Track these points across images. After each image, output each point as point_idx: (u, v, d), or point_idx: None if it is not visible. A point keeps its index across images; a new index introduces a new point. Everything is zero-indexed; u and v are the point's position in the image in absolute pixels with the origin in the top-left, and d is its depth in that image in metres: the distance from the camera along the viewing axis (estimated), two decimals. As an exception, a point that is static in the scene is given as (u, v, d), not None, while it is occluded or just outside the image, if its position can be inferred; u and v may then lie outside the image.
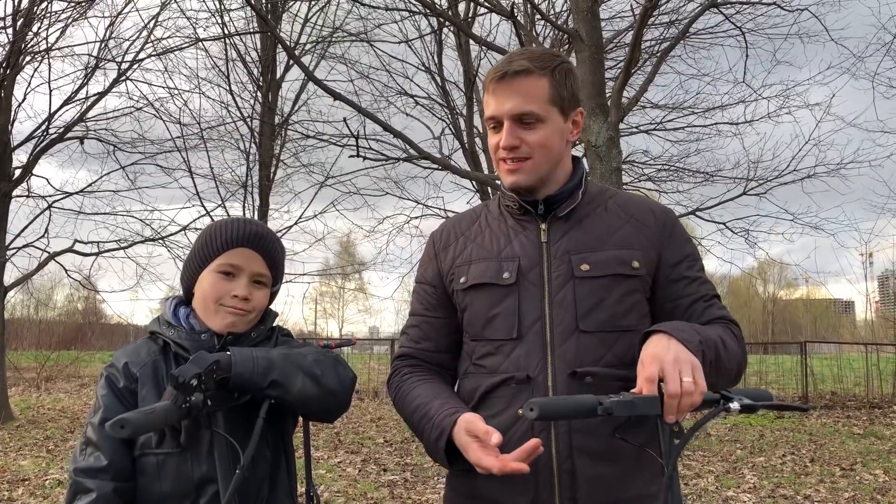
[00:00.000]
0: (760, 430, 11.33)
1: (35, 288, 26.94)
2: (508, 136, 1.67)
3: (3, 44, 11.85)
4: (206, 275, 1.73)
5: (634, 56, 7.40)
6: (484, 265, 1.74)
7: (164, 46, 12.52)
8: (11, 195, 12.25)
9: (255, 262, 1.73)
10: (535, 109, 1.66)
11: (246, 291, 1.71)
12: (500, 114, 1.68)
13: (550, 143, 1.69)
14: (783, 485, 7.35)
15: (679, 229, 1.77)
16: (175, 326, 1.72)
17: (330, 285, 38.61)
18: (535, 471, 1.58)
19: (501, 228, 1.79)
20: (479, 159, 12.83)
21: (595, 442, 1.59)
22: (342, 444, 9.93)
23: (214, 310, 1.71)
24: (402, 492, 7.01)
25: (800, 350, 15.66)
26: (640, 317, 1.69)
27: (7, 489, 6.89)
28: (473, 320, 1.75)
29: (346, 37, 12.77)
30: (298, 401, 1.60)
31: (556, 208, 1.74)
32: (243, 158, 13.59)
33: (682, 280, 1.72)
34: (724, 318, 1.71)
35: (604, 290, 1.66)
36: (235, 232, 1.74)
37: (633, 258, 1.68)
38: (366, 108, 9.02)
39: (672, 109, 12.99)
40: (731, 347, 1.61)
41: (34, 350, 23.28)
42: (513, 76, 1.66)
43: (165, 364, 1.70)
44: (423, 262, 1.92)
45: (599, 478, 1.59)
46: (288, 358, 1.60)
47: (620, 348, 1.64)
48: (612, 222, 1.73)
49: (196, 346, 1.66)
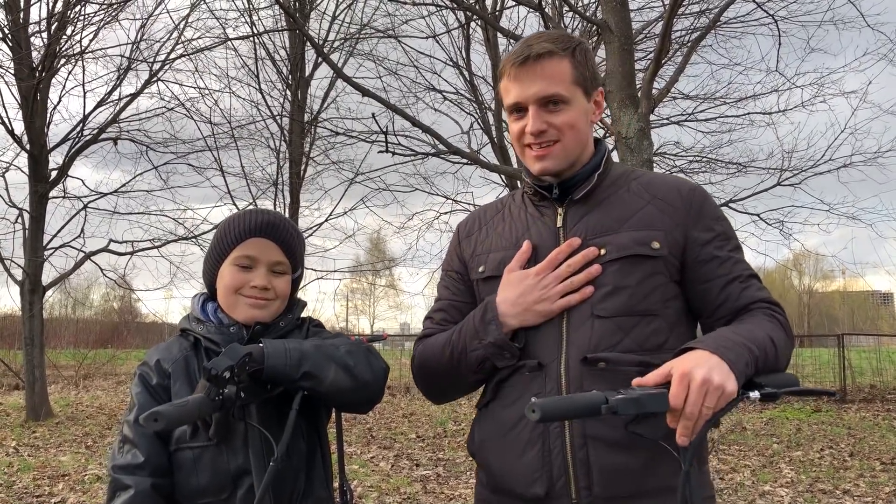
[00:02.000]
0: (797, 424, 11.16)
1: (72, 287, 27.56)
2: (536, 121, 1.63)
3: (38, 48, 12.08)
4: (224, 268, 1.74)
5: (664, 46, 7.30)
6: (501, 255, 1.73)
7: (195, 47, 12.67)
8: (48, 196, 12.50)
9: (271, 251, 1.73)
10: (561, 91, 1.63)
11: (264, 281, 1.71)
12: (525, 98, 1.64)
13: (578, 124, 1.66)
14: (821, 479, 7.23)
15: (709, 207, 1.68)
16: (204, 322, 1.73)
17: (361, 282, 38.81)
18: (549, 460, 1.57)
19: (521, 216, 1.77)
20: (507, 153, 12.78)
21: (611, 430, 1.53)
22: (375, 439, 9.98)
23: (235, 302, 1.71)
24: (434, 486, 7.02)
25: (837, 343, 15.41)
26: (662, 300, 1.62)
27: (48, 484, 7.03)
28: None
29: (374, 33, 12.81)
30: (331, 392, 1.59)
31: (572, 192, 1.70)
32: (274, 156, 13.72)
33: (714, 260, 1.64)
34: (764, 300, 1.62)
35: (620, 273, 1.60)
36: (248, 223, 1.74)
37: (654, 239, 1.61)
38: (394, 104, 9.01)
39: (703, 100, 12.83)
40: (780, 345, 1.52)
41: (72, 348, 23.72)
42: (536, 59, 1.62)
43: (197, 359, 1.71)
44: (449, 250, 1.92)
45: (616, 468, 1.54)
46: (320, 349, 1.60)
47: (640, 333, 1.59)
48: (632, 203, 1.67)
49: (226, 340, 1.67)
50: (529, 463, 1.59)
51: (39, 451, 8.83)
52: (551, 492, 1.57)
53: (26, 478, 7.28)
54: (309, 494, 1.67)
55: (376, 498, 6.55)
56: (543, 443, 1.58)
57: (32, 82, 11.63)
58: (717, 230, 1.66)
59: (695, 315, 1.70)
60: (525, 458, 1.60)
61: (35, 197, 12.26)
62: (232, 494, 1.61)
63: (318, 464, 1.72)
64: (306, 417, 1.68)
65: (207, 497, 1.62)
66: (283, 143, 13.59)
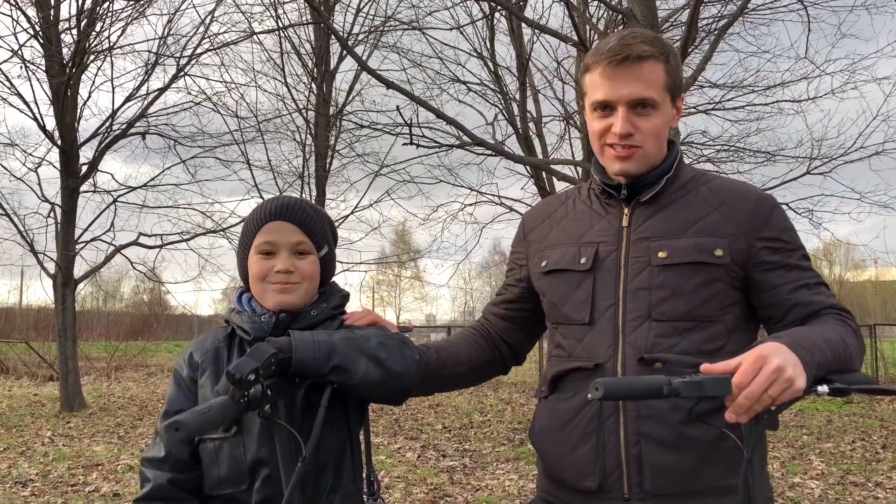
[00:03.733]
0: (828, 416, 11.03)
1: (103, 280, 27.97)
2: (625, 123, 1.62)
3: (68, 44, 12.25)
4: (251, 258, 1.74)
5: (691, 34, 7.21)
6: (563, 250, 1.75)
7: (221, 41, 12.77)
8: (79, 191, 12.69)
9: (289, 233, 1.72)
10: (654, 96, 1.62)
11: (287, 264, 1.70)
12: (617, 98, 1.62)
13: (661, 131, 1.66)
14: (853, 472, 7.14)
15: (777, 216, 1.67)
16: (240, 311, 1.74)
17: (386, 274, 38.96)
18: (602, 455, 1.59)
19: (586, 212, 1.78)
20: (532, 144, 12.72)
21: (663, 429, 1.55)
22: (402, 430, 10.03)
23: (263, 289, 1.71)
24: (461, 477, 7.04)
25: (869, 333, 15.19)
26: (721, 307, 1.61)
27: (82, 474, 7.17)
28: (552, 305, 1.77)
29: (398, 25, 12.78)
30: (362, 385, 1.57)
31: (640, 193, 1.70)
32: (299, 150, 13.79)
33: (781, 268, 1.62)
34: (834, 306, 1.60)
35: (681, 278, 1.60)
36: (265, 209, 1.76)
37: (717, 246, 1.61)
38: (418, 96, 9.00)
39: (731, 88, 12.62)
40: (853, 348, 1.51)
41: (104, 340, 24.10)
42: (635, 60, 1.60)
43: (228, 349, 1.73)
44: (515, 241, 1.97)
45: (667, 466, 1.55)
46: (350, 342, 1.58)
47: (697, 338, 1.59)
48: (699, 208, 1.67)
49: (255, 328, 1.68)
50: (583, 456, 1.61)
51: (74, 441, 9.01)
52: (604, 486, 1.59)
53: (61, 467, 7.43)
54: (337, 489, 1.66)
55: (403, 489, 6.59)
56: (598, 438, 1.60)
57: (63, 78, 11.80)
58: (784, 239, 1.65)
59: (762, 322, 1.69)
60: (579, 452, 1.62)
61: (66, 191, 12.46)
62: (250, 486, 1.61)
63: (346, 458, 1.70)
64: (336, 410, 1.66)
65: (227, 488, 1.63)
66: (308, 136, 13.67)
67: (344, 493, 1.67)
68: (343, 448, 1.69)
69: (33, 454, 8.14)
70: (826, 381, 1.40)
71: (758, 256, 1.63)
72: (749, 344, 1.54)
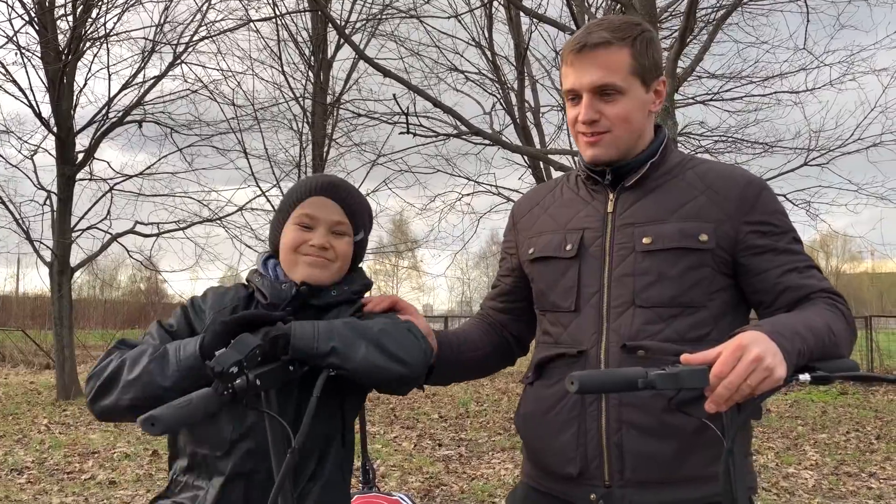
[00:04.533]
0: (823, 407, 11.07)
1: (100, 269, 27.98)
2: (588, 110, 1.63)
3: (64, 31, 12.19)
4: (287, 227, 1.74)
5: (689, 24, 7.19)
6: (550, 236, 1.75)
7: (218, 28, 12.71)
8: (75, 178, 12.66)
9: (332, 211, 1.73)
10: (616, 81, 1.61)
11: (323, 240, 1.70)
12: (580, 86, 1.64)
13: (631, 115, 1.64)
14: (847, 462, 7.18)
15: (765, 199, 1.64)
16: (263, 275, 1.74)
17: (384, 263, 38.78)
18: (583, 442, 1.59)
19: (573, 198, 1.78)
20: (530, 134, 12.71)
21: (645, 417, 1.55)
22: (398, 419, 10.05)
23: (294, 260, 1.71)
24: (456, 466, 7.06)
25: (865, 325, 15.24)
26: (707, 293, 1.60)
27: (78, 461, 7.18)
28: (539, 292, 1.78)
29: (396, 13, 12.73)
30: (361, 371, 1.52)
31: (624, 178, 1.70)
32: (296, 138, 13.75)
33: (769, 252, 1.60)
34: (825, 290, 1.58)
35: (665, 264, 1.59)
36: (311, 183, 1.76)
37: (702, 231, 1.60)
38: (416, 85, 8.98)
39: (729, 79, 12.63)
40: (840, 334, 1.48)
41: (100, 329, 24.12)
42: (592, 48, 1.62)
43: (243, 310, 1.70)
44: (506, 230, 1.97)
45: (648, 454, 1.55)
46: (351, 325, 1.55)
47: (682, 324, 1.58)
48: (684, 193, 1.66)
49: (274, 294, 1.68)
50: (566, 443, 1.62)
51: (70, 429, 9.02)
52: (585, 472, 1.60)
53: (58, 455, 7.44)
54: (318, 476, 1.62)
55: (399, 477, 6.61)
56: (580, 425, 1.61)
57: (59, 65, 11.76)
58: (772, 222, 1.63)
59: (753, 307, 1.68)
60: (562, 438, 1.63)
61: (62, 179, 12.43)
62: (226, 455, 1.59)
63: (334, 447, 1.66)
64: (331, 399, 1.62)
65: (204, 448, 1.61)
66: (305, 124, 13.62)
67: (325, 482, 1.63)
68: (332, 437, 1.66)
69: (29, 442, 8.15)
70: (809, 369, 1.39)
71: (745, 241, 1.61)
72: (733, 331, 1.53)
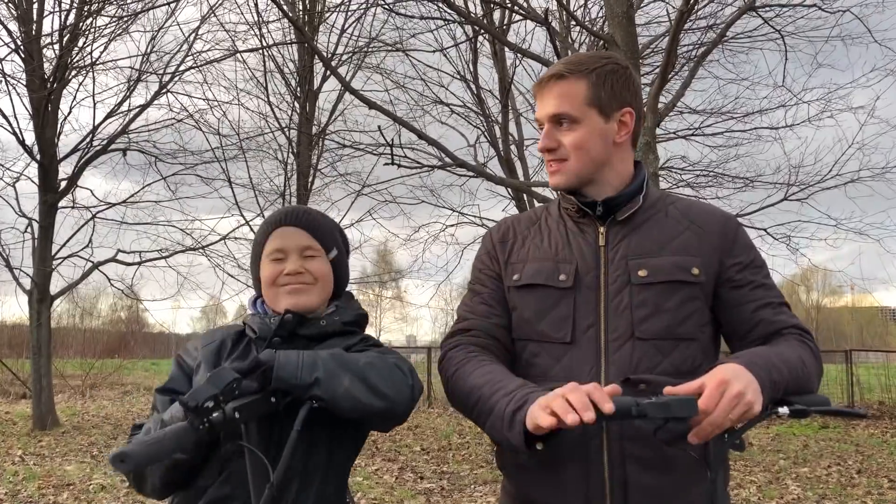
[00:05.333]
0: (804, 440, 11.09)
1: (80, 297, 27.72)
2: (545, 138, 1.71)
3: (50, 59, 12.19)
4: (262, 265, 1.78)
5: (670, 61, 7.33)
6: (539, 265, 1.73)
7: (204, 59, 12.74)
8: (58, 206, 12.56)
9: (298, 237, 1.76)
10: (569, 111, 1.68)
11: (296, 265, 1.73)
12: (541, 116, 1.73)
13: (587, 144, 1.68)
14: (828, 496, 7.18)
15: (742, 235, 1.73)
16: (254, 314, 1.79)
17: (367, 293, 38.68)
18: (585, 478, 1.57)
19: (560, 230, 1.77)
20: (514, 167, 12.80)
21: (647, 450, 1.55)
22: (379, 451, 9.95)
23: (275, 293, 1.74)
24: (438, 499, 6.99)
25: (845, 359, 15.31)
26: (699, 325, 1.65)
27: (53, 493, 7.04)
28: (523, 321, 1.73)
29: (382, 47, 12.86)
30: (344, 404, 1.50)
31: (615, 212, 1.72)
32: (281, 168, 13.76)
33: (747, 285, 1.68)
34: (796, 326, 1.66)
35: (661, 297, 1.62)
36: (273, 218, 1.81)
37: (693, 265, 1.65)
38: (401, 117, 9.05)
39: (710, 114, 12.83)
40: (811, 369, 1.57)
41: (79, 358, 23.77)
42: (548, 80, 1.71)
43: (233, 344, 1.76)
44: (481, 255, 1.88)
45: (651, 488, 1.55)
46: (336, 357, 1.54)
47: (677, 357, 1.61)
48: (672, 228, 1.70)
49: (262, 328, 1.72)
50: (568, 481, 1.59)
51: (45, 461, 8.84)
52: None
53: (31, 486, 7.29)
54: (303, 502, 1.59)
55: (380, 510, 6.53)
56: (581, 461, 1.58)
57: (44, 93, 11.73)
58: (751, 257, 1.71)
59: (725, 338, 1.73)
60: (562, 476, 1.60)
61: (44, 207, 12.33)
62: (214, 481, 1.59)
63: (316, 482, 1.61)
64: (317, 432, 1.59)
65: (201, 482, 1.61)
66: (290, 154, 13.65)
67: None
68: (314, 472, 1.62)
69: (3, 473, 7.98)
70: (786, 403, 1.45)
71: (727, 274, 1.68)
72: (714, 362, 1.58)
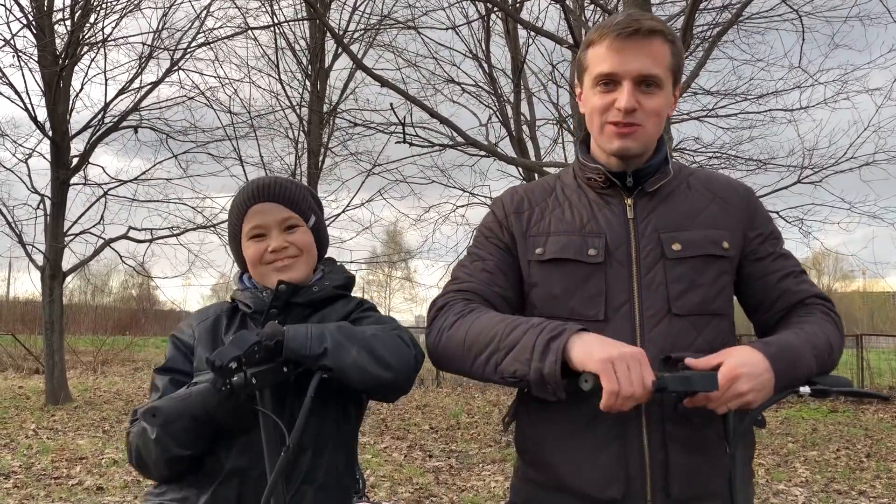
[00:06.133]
0: (813, 424, 11.07)
1: (92, 274, 27.89)
2: (630, 98, 1.54)
3: (61, 35, 12.18)
4: (244, 245, 1.76)
5: (686, 41, 7.24)
6: (566, 239, 1.62)
7: (216, 36, 12.71)
8: (70, 183, 12.61)
9: (274, 212, 1.74)
10: (661, 74, 1.56)
11: (279, 241, 1.72)
12: (624, 72, 1.55)
13: (664, 112, 1.60)
14: (837, 479, 7.17)
15: (761, 207, 1.72)
16: (243, 289, 1.78)
17: (377, 274, 38.80)
18: (625, 462, 1.51)
19: (582, 201, 1.67)
20: (525, 147, 12.73)
21: (687, 431, 1.50)
22: (388, 429, 10.01)
23: (263, 272, 1.74)
24: (447, 478, 7.03)
25: (856, 343, 15.26)
26: (728, 300, 1.63)
27: (66, 467, 7.12)
28: (550, 298, 1.62)
29: (394, 24, 12.77)
30: (352, 374, 1.51)
31: (643, 182, 1.64)
32: (292, 147, 13.77)
33: (769, 256, 1.66)
34: (818, 296, 1.66)
35: (696, 271, 1.57)
36: (244, 195, 1.77)
37: (724, 239, 1.61)
38: (413, 96, 9.00)
39: (724, 96, 12.71)
40: (836, 348, 1.56)
41: (91, 335, 23.97)
42: (645, 35, 1.54)
43: (228, 320, 1.75)
44: (488, 223, 1.76)
45: (691, 469, 1.50)
46: (343, 330, 1.55)
47: (710, 333, 1.57)
48: (698, 200, 1.66)
49: (256, 302, 1.71)
50: (606, 464, 1.52)
51: (58, 435, 8.94)
52: (627, 495, 1.51)
53: (45, 460, 7.37)
54: (312, 480, 1.61)
55: (388, 488, 6.58)
56: (621, 443, 1.52)
57: (55, 69, 11.73)
58: (770, 228, 1.70)
59: (748, 311, 1.71)
60: (601, 459, 1.52)
61: (56, 183, 12.38)
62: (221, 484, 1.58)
63: (328, 450, 1.64)
64: (328, 403, 1.62)
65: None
66: (301, 133, 13.64)
67: (319, 485, 1.62)
68: (326, 440, 1.65)
69: (17, 447, 8.08)
70: (809, 383, 1.45)
71: (750, 247, 1.66)
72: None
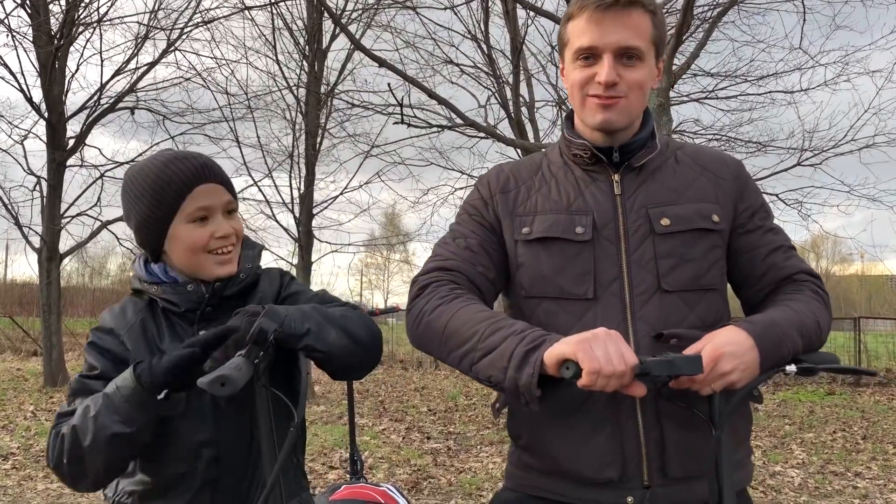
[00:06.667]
0: (810, 406, 11.12)
1: (89, 256, 27.71)
2: (611, 71, 1.52)
3: (56, 15, 12.07)
4: (178, 228, 1.55)
5: (686, 21, 7.17)
6: (553, 218, 1.60)
7: (212, 16, 12.59)
8: (66, 165, 12.55)
9: (219, 194, 1.58)
10: (641, 46, 1.54)
11: (227, 228, 1.57)
12: (603, 45, 1.53)
13: (646, 84, 1.58)
14: (833, 461, 7.21)
15: (751, 180, 1.69)
16: (157, 283, 1.59)
17: (375, 256, 38.72)
18: (620, 442, 1.49)
19: (568, 179, 1.65)
20: (524, 128, 12.65)
21: (682, 409, 1.48)
22: (386, 411, 10.04)
23: (202, 262, 1.56)
24: (444, 459, 7.05)
25: (853, 326, 15.30)
26: (721, 274, 1.60)
27: (64, 448, 7.13)
28: (538, 277, 1.60)
29: (392, 4, 12.65)
30: (332, 354, 1.49)
31: (630, 158, 1.62)
32: (289, 128, 13.66)
33: (758, 230, 1.64)
34: (806, 271, 1.63)
35: (685, 246, 1.55)
36: (188, 171, 1.55)
37: (713, 212, 1.59)
38: (411, 76, 8.94)
39: (724, 77, 12.61)
40: (824, 326, 1.54)
41: (89, 317, 23.97)
42: (624, 6, 1.53)
43: (154, 322, 1.60)
44: (472, 201, 1.73)
45: (689, 446, 1.49)
46: (317, 310, 1.52)
47: (703, 309, 1.55)
48: (685, 174, 1.63)
49: (184, 300, 1.57)
50: (601, 446, 1.50)
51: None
52: (624, 476, 1.50)
53: (43, 441, 7.38)
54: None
55: (387, 469, 6.60)
56: (615, 424, 1.50)
57: (51, 49, 11.63)
58: (760, 202, 1.68)
59: (735, 286, 1.68)
60: (596, 440, 1.50)
61: (53, 165, 12.32)
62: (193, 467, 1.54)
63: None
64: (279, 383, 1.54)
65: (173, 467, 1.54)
66: (299, 114, 13.53)
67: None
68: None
69: (15, 428, 8.09)
70: (795, 361, 1.44)
71: (739, 220, 1.64)
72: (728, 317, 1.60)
